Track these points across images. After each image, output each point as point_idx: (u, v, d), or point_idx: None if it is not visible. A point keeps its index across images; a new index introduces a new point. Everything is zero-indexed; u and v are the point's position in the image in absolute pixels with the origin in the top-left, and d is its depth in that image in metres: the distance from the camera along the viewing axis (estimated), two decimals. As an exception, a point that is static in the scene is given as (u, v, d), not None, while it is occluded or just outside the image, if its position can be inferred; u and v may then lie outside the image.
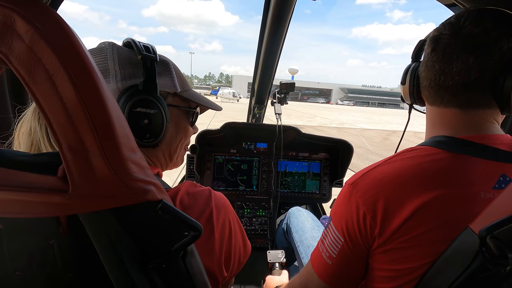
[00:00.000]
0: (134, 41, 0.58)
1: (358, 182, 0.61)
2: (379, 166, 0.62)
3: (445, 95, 0.61)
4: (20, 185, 0.34)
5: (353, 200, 0.61)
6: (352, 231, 0.61)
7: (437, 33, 0.61)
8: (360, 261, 0.63)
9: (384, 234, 0.57)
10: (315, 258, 0.69)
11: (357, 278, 0.66)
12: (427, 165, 0.58)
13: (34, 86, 0.31)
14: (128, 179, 0.35)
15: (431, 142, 0.62)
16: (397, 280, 0.58)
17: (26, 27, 0.29)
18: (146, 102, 0.56)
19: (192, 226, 0.41)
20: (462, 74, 0.57)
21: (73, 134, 0.32)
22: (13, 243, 0.38)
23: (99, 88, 0.32)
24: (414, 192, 0.56)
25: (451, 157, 0.58)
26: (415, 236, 0.55)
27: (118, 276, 0.40)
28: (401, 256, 0.57)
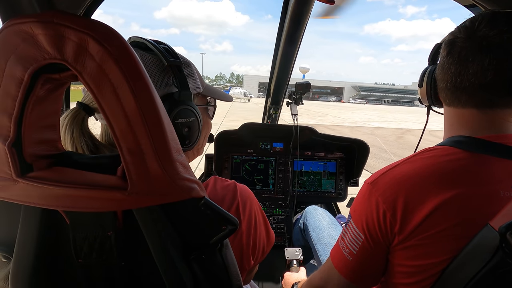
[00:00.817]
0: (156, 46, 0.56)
1: (378, 181, 0.63)
2: (398, 165, 0.64)
3: (462, 96, 0.63)
4: (86, 183, 0.39)
5: (373, 198, 0.62)
6: (372, 229, 0.63)
7: (452, 37, 0.62)
8: (380, 257, 0.65)
9: (404, 231, 0.59)
10: (335, 254, 0.71)
11: (377, 274, 0.68)
12: (446, 164, 0.59)
13: (101, 98, 0.36)
14: (177, 178, 0.40)
15: (450, 142, 0.64)
16: (417, 275, 0.60)
17: (97, 48, 0.34)
18: (185, 112, 0.58)
19: (230, 220, 0.45)
20: (478, 75, 0.58)
21: (132, 138, 0.37)
22: (77, 235, 0.44)
23: (154, 99, 0.37)
24: (433, 191, 0.58)
25: (470, 157, 0.59)
26: (435, 233, 0.57)
27: (164, 264, 0.45)
28: (421, 252, 0.59)
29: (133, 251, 0.47)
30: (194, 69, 0.65)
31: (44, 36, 0.33)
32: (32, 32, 0.33)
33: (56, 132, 0.42)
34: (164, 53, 0.56)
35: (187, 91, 0.59)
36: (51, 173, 0.39)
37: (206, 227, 0.46)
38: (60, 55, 0.34)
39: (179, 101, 0.57)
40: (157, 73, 0.56)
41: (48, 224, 0.43)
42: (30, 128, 0.38)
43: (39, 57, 0.34)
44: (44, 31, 0.33)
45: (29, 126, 0.38)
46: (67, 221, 0.43)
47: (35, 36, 0.34)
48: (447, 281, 0.57)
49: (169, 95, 0.58)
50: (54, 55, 0.34)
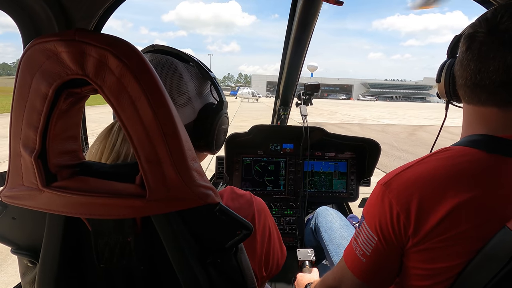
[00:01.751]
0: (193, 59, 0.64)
1: (391, 182, 0.62)
2: (412, 166, 0.63)
3: (482, 94, 0.59)
4: (106, 192, 0.40)
5: (386, 200, 0.61)
6: (386, 230, 0.62)
7: (472, 30, 0.59)
8: (394, 259, 0.65)
9: (419, 234, 0.58)
10: (349, 255, 0.71)
11: (391, 275, 0.68)
12: (462, 166, 0.58)
13: (120, 110, 0.37)
14: (193, 185, 0.41)
15: (466, 142, 0.62)
16: (433, 278, 0.60)
17: (117, 63, 0.35)
18: (225, 119, 0.66)
19: (244, 225, 0.46)
20: (499, 73, 0.55)
21: (150, 148, 0.38)
22: (99, 240, 0.45)
23: (170, 110, 0.39)
24: (448, 193, 0.56)
25: (488, 158, 0.57)
26: (450, 236, 0.56)
27: (182, 268, 0.47)
28: (436, 255, 0.58)
29: (151, 255, 0.49)
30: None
31: (67, 54, 0.35)
32: (56, 50, 0.35)
33: (77, 142, 0.44)
34: (203, 66, 0.64)
35: (224, 101, 0.66)
36: (74, 182, 0.41)
37: (222, 232, 0.47)
38: (82, 70, 0.36)
39: (221, 109, 0.65)
40: (200, 84, 0.64)
41: (71, 231, 0.46)
42: (54, 140, 0.40)
43: (62, 73, 0.36)
44: (67, 48, 0.35)
45: (53, 138, 0.40)
46: (89, 227, 0.45)
47: (58, 53, 0.35)
48: (463, 284, 0.56)
49: (211, 104, 0.65)
50: (76, 71, 0.36)
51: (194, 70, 0.63)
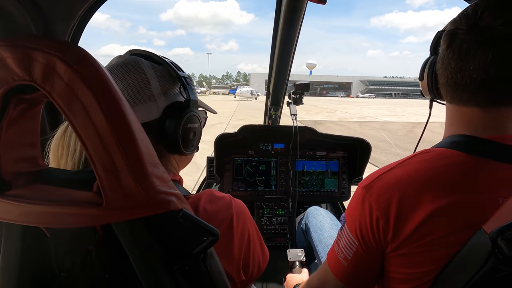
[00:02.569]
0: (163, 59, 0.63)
1: (372, 185, 0.61)
2: (393, 168, 0.61)
3: (463, 93, 0.58)
4: (63, 200, 0.39)
5: (366, 203, 0.60)
6: (366, 235, 0.61)
7: (453, 27, 0.57)
8: (375, 263, 0.64)
9: (397, 239, 0.57)
10: (331, 258, 0.70)
11: (373, 278, 0.67)
12: (440, 170, 0.56)
13: (72, 116, 0.36)
14: (153, 192, 0.40)
15: (447, 143, 0.61)
16: (412, 282, 0.59)
17: (65, 68, 0.34)
18: (193, 118, 0.63)
19: (210, 231, 0.45)
20: (480, 71, 0.53)
21: (105, 156, 0.37)
22: (58, 249, 0.44)
23: (126, 116, 0.37)
24: (427, 198, 0.55)
25: (469, 161, 0.56)
26: (429, 241, 0.55)
27: (147, 276, 0.46)
28: (415, 261, 0.57)
29: (116, 263, 0.47)
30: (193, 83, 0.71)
31: (12, 59, 0.34)
32: (1, 55, 0.34)
33: (35, 149, 0.43)
34: (173, 66, 0.63)
35: (194, 99, 0.64)
36: (29, 190, 0.40)
37: (187, 239, 0.46)
38: (29, 76, 0.34)
39: (188, 107, 0.63)
40: (167, 83, 0.63)
41: (30, 239, 0.44)
42: (6, 147, 0.39)
43: (8, 79, 0.35)
44: (12, 54, 0.34)
45: (5, 146, 0.38)
46: (47, 235, 0.44)
47: (3, 59, 0.34)
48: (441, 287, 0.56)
49: (178, 103, 0.63)
50: (23, 76, 0.35)
51: (162, 69, 0.63)
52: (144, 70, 0.60)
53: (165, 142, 0.61)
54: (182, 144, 0.62)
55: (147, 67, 0.61)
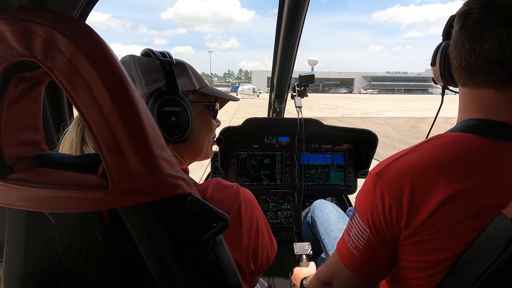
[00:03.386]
0: (151, 50, 0.63)
1: (383, 172, 0.59)
2: (405, 155, 0.59)
3: (477, 75, 0.56)
4: (68, 183, 0.38)
5: (378, 191, 0.59)
6: (378, 223, 0.60)
7: (466, 8, 0.55)
8: (387, 252, 0.62)
9: (411, 226, 0.56)
10: (341, 248, 0.69)
11: (385, 268, 0.65)
12: (456, 154, 0.54)
13: (75, 94, 0.34)
14: (160, 175, 0.39)
15: (462, 127, 0.59)
16: (427, 270, 0.57)
17: (66, 42, 0.32)
18: (171, 101, 0.61)
19: (220, 217, 0.43)
20: (495, 51, 0.51)
21: (110, 136, 0.36)
22: (64, 236, 0.43)
23: (131, 93, 0.36)
24: (441, 183, 0.53)
25: (486, 144, 0.54)
26: (444, 228, 0.53)
27: (154, 264, 0.44)
28: (430, 248, 0.56)
29: (123, 251, 0.46)
30: (188, 69, 0.68)
31: (11, 33, 0.32)
32: None
33: (38, 133, 0.42)
34: (157, 55, 0.61)
35: (174, 83, 0.62)
36: (32, 174, 0.39)
37: (196, 225, 0.45)
38: (29, 52, 0.33)
39: (166, 92, 0.61)
40: (150, 72, 0.62)
41: (34, 226, 0.43)
42: (7, 129, 0.37)
43: (8, 55, 0.33)
44: (10, 27, 0.32)
45: (6, 127, 0.37)
46: (52, 222, 0.42)
47: (1, 33, 0.32)
48: (458, 275, 0.54)
49: (158, 89, 0.62)
50: (22, 52, 0.33)
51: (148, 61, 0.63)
52: (130, 67, 0.62)
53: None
54: (162, 129, 0.61)
55: (134, 64, 0.62)
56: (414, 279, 0.61)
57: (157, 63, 0.61)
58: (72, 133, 0.56)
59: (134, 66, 0.62)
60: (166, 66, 0.61)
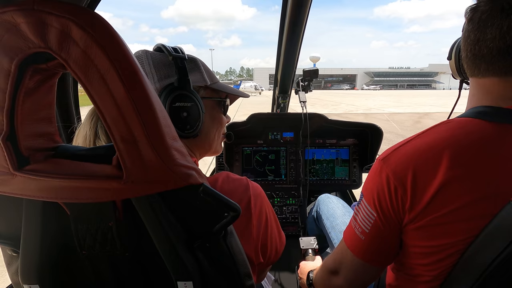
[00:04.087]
0: (164, 45, 0.64)
1: (389, 157, 0.61)
2: (411, 140, 0.61)
3: (481, 64, 0.58)
4: (82, 174, 0.38)
5: (383, 174, 0.60)
6: (384, 205, 0.61)
7: (476, 1, 0.58)
8: (393, 236, 0.63)
9: (415, 209, 0.57)
10: (348, 235, 0.70)
11: (391, 253, 0.66)
12: (460, 137, 0.55)
13: (89, 85, 0.35)
14: (173, 164, 0.39)
15: (469, 113, 0.60)
16: (432, 256, 0.58)
17: (81, 33, 0.33)
18: (182, 96, 0.61)
19: (231, 207, 0.44)
20: (496, 40, 0.54)
21: (124, 126, 0.36)
22: (79, 227, 0.44)
23: (144, 84, 0.36)
24: (443, 166, 0.54)
25: (491, 128, 0.55)
26: (447, 213, 0.54)
27: (167, 254, 0.45)
28: (434, 233, 0.56)
29: (136, 241, 0.47)
30: (200, 64, 0.69)
31: (27, 25, 0.33)
32: (14, 21, 0.33)
33: (52, 125, 0.42)
34: (170, 50, 0.62)
35: (186, 78, 0.62)
36: (47, 165, 0.39)
37: (208, 215, 0.45)
38: (44, 43, 0.33)
39: (177, 87, 0.61)
40: (163, 68, 0.63)
41: (50, 216, 0.44)
42: (23, 121, 0.38)
43: (24, 47, 0.34)
44: (26, 19, 0.32)
45: (22, 119, 0.37)
46: (68, 213, 0.43)
47: (17, 25, 0.33)
48: (468, 263, 0.54)
49: (170, 84, 0.62)
50: (38, 43, 0.33)
51: (161, 56, 0.64)
52: (143, 61, 0.62)
53: None
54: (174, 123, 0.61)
55: (147, 59, 0.62)
56: (420, 265, 0.61)
57: (169, 59, 0.62)
58: (85, 127, 0.57)
59: (147, 61, 0.62)
60: (178, 62, 0.62)
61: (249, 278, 0.52)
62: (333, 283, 0.75)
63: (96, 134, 0.56)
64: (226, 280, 0.49)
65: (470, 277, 0.53)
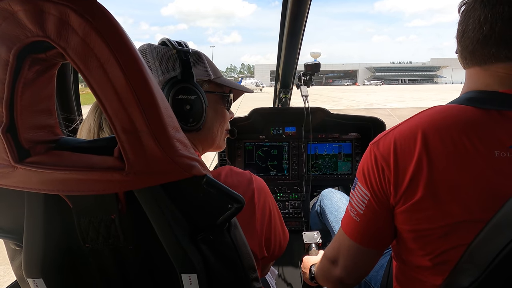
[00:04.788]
0: (168, 40, 0.64)
1: (379, 141, 0.64)
2: (399, 125, 0.63)
3: (466, 55, 0.62)
4: (84, 166, 0.38)
5: (372, 155, 0.64)
6: (375, 185, 0.63)
7: None
8: (386, 218, 0.65)
9: (399, 191, 0.59)
10: (345, 220, 0.72)
11: (386, 237, 0.68)
12: (441, 121, 0.57)
13: (89, 75, 0.34)
14: (175, 155, 0.38)
15: (459, 100, 0.61)
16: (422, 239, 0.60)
17: (79, 21, 0.32)
18: (186, 89, 0.61)
19: (235, 198, 0.43)
20: (475, 30, 0.57)
21: (125, 116, 0.35)
22: (82, 220, 0.43)
23: (145, 74, 0.35)
24: (422, 148, 0.56)
25: (476, 112, 0.56)
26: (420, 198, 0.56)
27: (171, 246, 0.44)
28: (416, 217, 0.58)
29: (140, 234, 0.46)
30: (204, 58, 0.69)
31: (24, 12, 0.32)
32: (12, 9, 0.32)
33: (52, 117, 0.42)
34: (174, 44, 0.62)
35: (189, 72, 0.62)
36: (48, 157, 0.39)
37: (212, 207, 0.45)
38: (42, 31, 0.32)
39: (181, 80, 0.61)
40: (167, 61, 0.63)
41: (52, 210, 0.43)
42: (23, 112, 0.37)
43: (21, 36, 0.33)
44: (23, 6, 0.32)
45: (21, 110, 0.37)
46: (70, 206, 0.43)
47: (15, 13, 0.32)
48: (473, 255, 0.53)
49: (173, 77, 0.62)
50: (36, 32, 0.33)
51: (165, 50, 0.64)
52: (147, 54, 0.62)
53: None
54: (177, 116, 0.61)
55: (151, 52, 0.62)
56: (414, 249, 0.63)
57: (173, 52, 0.62)
58: (90, 119, 0.56)
59: (151, 54, 0.62)
60: (182, 55, 0.61)
61: (254, 271, 0.51)
62: (333, 273, 0.76)
63: (100, 126, 0.56)
64: (231, 272, 0.49)
65: (476, 269, 0.53)
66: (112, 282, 0.50)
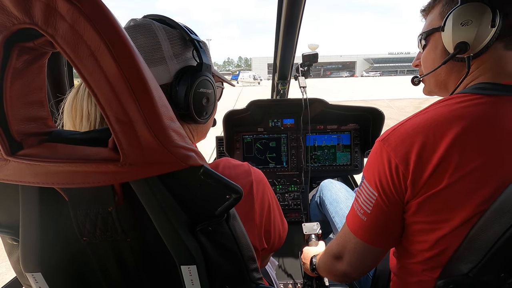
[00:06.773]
0: (176, 22, 0.60)
1: (389, 137, 0.61)
2: (410, 119, 0.62)
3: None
4: (78, 157, 0.37)
5: (384, 154, 0.61)
6: (385, 184, 0.61)
7: None
8: (395, 215, 0.63)
9: (417, 183, 0.57)
10: (350, 218, 0.70)
11: (394, 234, 0.66)
12: (461, 110, 0.57)
13: (80, 64, 0.33)
14: (171, 145, 0.38)
15: (471, 89, 0.61)
16: (436, 232, 0.58)
17: (67, 6, 0.31)
18: (206, 83, 0.60)
19: (233, 189, 0.42)
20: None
21: (118, 106, 0.34)
22: (78, 213, 0.43)
23: (138, 62, 0.34)
24: (447, 138, 0.55)
25: (491, 101, 0.56)
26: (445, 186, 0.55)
27: (169, 238, 0.44)
28: (436, 206, 0.57)
29: (138, 226, 0.46)
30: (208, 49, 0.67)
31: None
32: None
33: (44, 109, 0.41)
34: (187, 30, 0.60)
35: (207, 63, 0.61)
36: (41, 149, 0.38)
37: (210, 197, 0.44)
38: (29, 18, 0.31)
39: (201, 72, 0.59)
40: (180, 46, 0.60)
41: (48, 203, 0.43)
42: (13, 104, 0.36)
43: (8, 23, 0.32)
44: None
45: (11, 102, 0.36)
46: (65, 198, 0.42)
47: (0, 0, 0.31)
48: (473, 240, 0.54)
49: (190, 67, 0.60)
50: (22, 19, 0.31)
51: (174, 32, 0.59)
52: (155, 32, 0.57)
53: (177, 108, 0.58)
54: (194, 109, 0.59)
55: (159, 29, 0.58)
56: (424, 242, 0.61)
57: (185, 37, 0.59)
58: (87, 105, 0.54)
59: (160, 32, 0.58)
60: (197, 44, 0.60)
61: (253, 262, 0.51)
62: (338, 268, 0.75)
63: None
64: (230, 263, 0.48)
65: (475, 255, 0.53)
66: (111, 275, 0.50)
